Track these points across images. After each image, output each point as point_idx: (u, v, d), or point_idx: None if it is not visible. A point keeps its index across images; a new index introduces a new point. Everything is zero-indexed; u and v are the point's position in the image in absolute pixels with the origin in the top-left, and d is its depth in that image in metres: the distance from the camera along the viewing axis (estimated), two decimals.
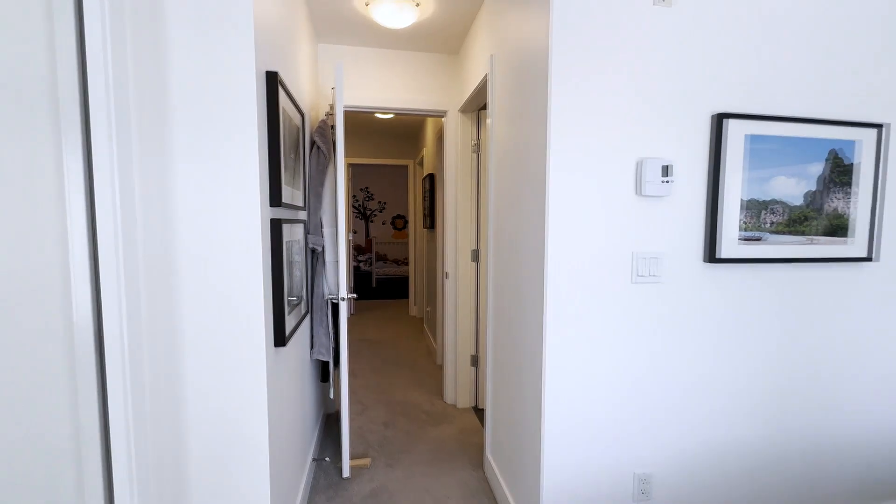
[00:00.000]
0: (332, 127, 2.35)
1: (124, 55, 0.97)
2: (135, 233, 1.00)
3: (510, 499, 1.80)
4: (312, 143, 2.16)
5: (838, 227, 1.58)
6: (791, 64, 1.51)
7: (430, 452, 2.37)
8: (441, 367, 3.67)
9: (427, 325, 4.62)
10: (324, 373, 2.51)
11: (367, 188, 8.40)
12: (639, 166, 1.42)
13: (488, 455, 2.13)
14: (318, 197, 2.14)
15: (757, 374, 1.60)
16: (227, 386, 1.21)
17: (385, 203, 8.54)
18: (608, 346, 1.48)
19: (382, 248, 8.51)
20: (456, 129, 2.85)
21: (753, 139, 1.48)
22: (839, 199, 1.58)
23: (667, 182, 1.42)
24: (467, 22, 2.38)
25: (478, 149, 2.82)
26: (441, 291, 3.36)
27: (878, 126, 1.57)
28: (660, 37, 1.41)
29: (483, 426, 2.57)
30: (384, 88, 2.77)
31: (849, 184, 1.57)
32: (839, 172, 1.56)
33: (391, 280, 7.78)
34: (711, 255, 1.49)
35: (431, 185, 3.98)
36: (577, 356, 1.46)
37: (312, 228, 2.10)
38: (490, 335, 2.09)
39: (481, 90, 2.27)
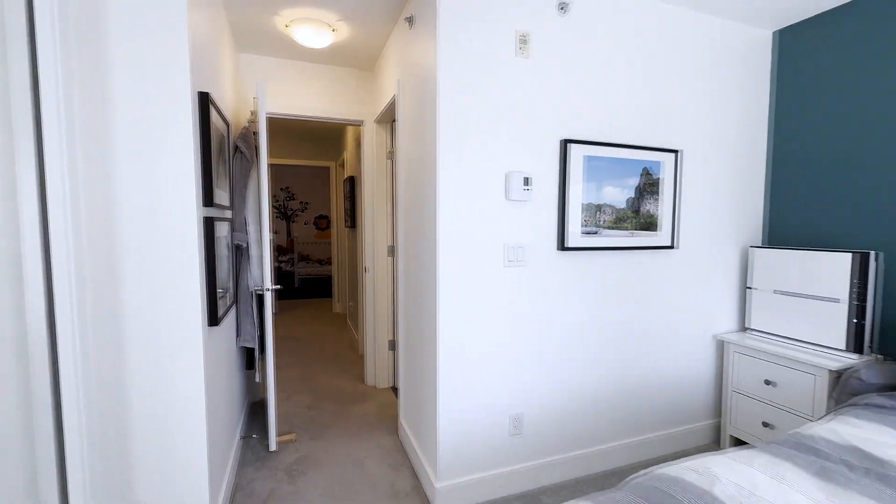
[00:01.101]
0: (255, 133, 2.55)
1: (71, 76, 1.18)
2: (82, 228, 1.21)
3: (417, 448, 2.17)
4: (236, 147, 2.35)
5: (650, 224, 2.17)
6: (618, 105, 2.06)
7: (352, 426, 2.67)
8: (363, 358, 3.96)
9: (350, 320, 4.86)
10: (248, 361, 2.69)
11: (287, 188, 8.33)
12: (506, 178, 1.87)
13: (402, 420, 2.48)
14: (243, 197, 2.34)
15: (600, 333, 2.13)
16: (169, 360, 1.43)
17: (307, 203, 8.53)
18: (488, 317, 1.91)
19: (305, 249, 8.49)
20: (372, 138, 3.17)
21: (590, 159, 2.01)
22: (650, 204, 2.17)
23: (527, 190, 1.89)
24: (379, 45, 2.72)
25: (392, 155, 3.16)
26: (362, 286, 3.65)
27: (675, 151, 2.18)
28: (520, 80, 1.87)
29: (398, 399, 2.92)
30: (306, 98, 3.01)
31: (656, 192, 2.17)
32: (650, 184, 2.15)
33: (315, 280, 7.83)
34: (562, 245, 1.99)
35: (352, 186, 4.25)
36: (464, 326, 1.87)
37: (237, 226, 2.30)
38: (402, 319, 2.45)
39: (392, 107, 2.62)
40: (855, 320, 1.94)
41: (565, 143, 1.95)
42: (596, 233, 2.05)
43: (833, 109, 2.19)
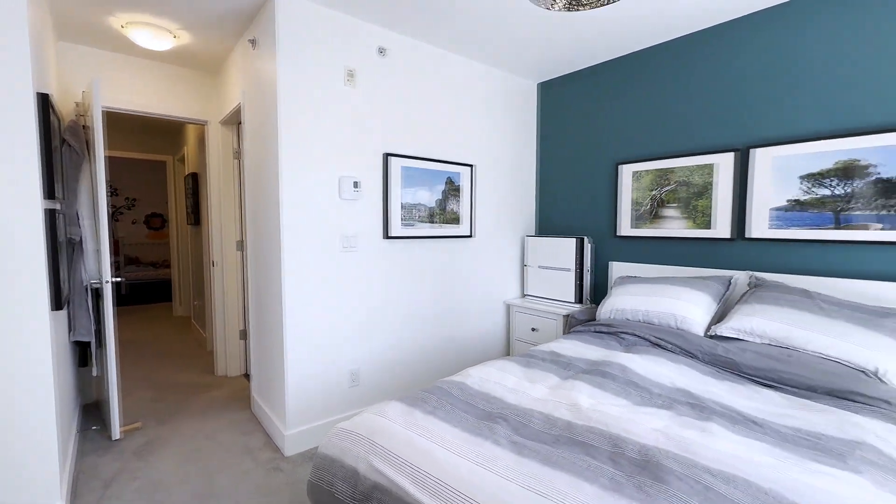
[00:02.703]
0: (85, 127, 2.53)
1: None
2: None
3: (269, 412, 2.50)
4: (63, 140, 2.34)
5: (454, 219, 2.91)
6: (427, 128, 2.72)
7: (203, 409, 2.83)
8: (212, 353, 3.99)
9: (196, 320, 4.74)
10: (82, 358, 2.63)
11: (110, 184, 7.34)
12: (339, 181, 2.36)
13: (254, 396, 2.77)
14: (74, 192, 2.35)
15: (419, 303, 2.78)
16: (17, 339, 1.54)
17: (135, 200, 7.64)
18: (328, 293, 2.37)
19: (135, 251, 7.59)
20: (218, 138, 3.31)
21: (406, 168, 2.63)
22: (454, 204, 2.90)
23: (357, 191, 2.41)
24: (223, 55, 2.93)
25: (239, 155, 3.36)
26: (210, 281, 3.71)
27: (470, 165, 2.97)
28: (349, 104, 2.39)
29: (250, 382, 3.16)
30: (145, 94, 3.01)
31: (458, 196, 2.92)
32: (453, 189, 2.88)
33: (148, 285, 7.09)
34: (386, 235, 2.57)
35: (195, 183, 4.21)
36: (308, 301, 2.30)
37: (70, 220, 2.30)
38: (253, 306, 2.74)
39: (238, 112, 2.87)
40: (578, 282, 2.97)
41: (387, 156, 2.53)
42: (413, 225, 2.69)
43: (571, 142, 3.24)
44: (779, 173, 2.21)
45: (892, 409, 1.50)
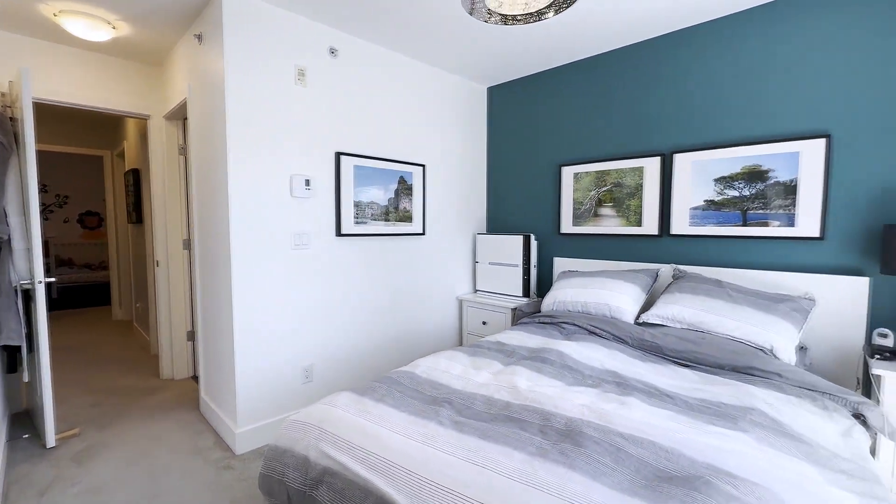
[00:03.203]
0: (12, 119, 2.39)
1: None
2: None
3: (219, 411, 2.48)
4: None
5: (407, 217, 2.99)
6: (379, 128, 2.79)
7: (147, 412, 2.74)
8: (157, 356, 3.83)
9: (139, 323, 4.52)
10: (10, 364, 2.48)
11: (39, 180, 6.79)
12: (291, 179, 2.38)
13: (203, 396, 2.72)
14: (1, 187, 2.22)
15: (373, 300, 2.83)
16: None
17: (66, 197, 7.12)
18: (279, 291, 2.38)
19: (67, 252, 7.07)
20: (162, 133, 3.20)
21: (358, 167, 2.68)
22: (406, 202, 2.98)
23: (308, 189, 2.44)
24: (167, 48, 2.84)
25: (185, 151, 3.27)
26: (154, 282, 3.57)
27: (422, 165, 3.06)
28: (300, 103, 2.41)
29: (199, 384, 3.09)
30: (81, 86, 2.86)
31: (411, 194, 3.00)
32: (405, 188, 2.96)
33: (83, 288, 6.62)
34: (339, 232, 2.61)
35: (136, 179, 4.02)
36: (259, 299, 2.30)
37: None
38: (201, 306, 2.68)
39: (183, 107, 2.80)
40: (525, 277, 3.14)
41: (339, 155, 2.58)
42: (366, 223, 2.75)
43: (518, 144, 3.41)
44: (697, 176, 2.46)
45: (782, 380, 1.74)
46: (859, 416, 1.61)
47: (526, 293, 3.14)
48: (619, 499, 0.98)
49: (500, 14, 1.41)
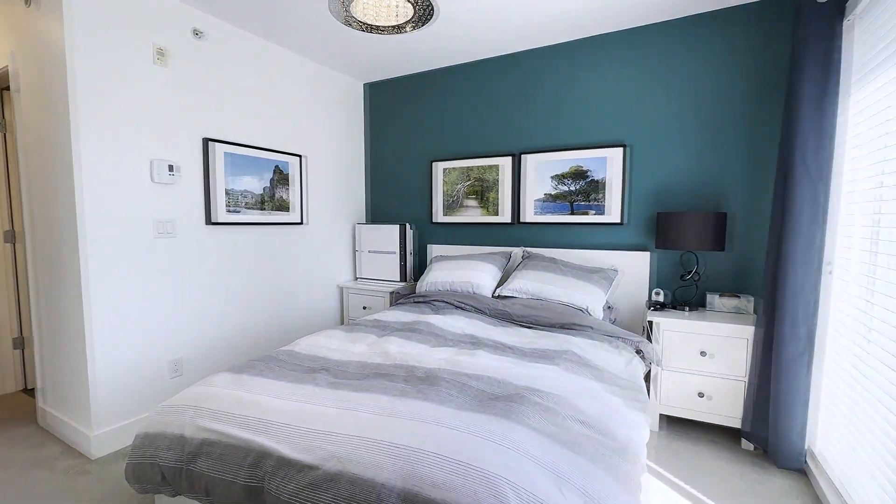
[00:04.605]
0: None
1: None
2: None
3: (66, 418, 2.24)
4: None
5: (285, 206, 3.01)
6: (254, 116, 2.76)
7: None
8: None
9: None
10: None
11: None
12: (151, 164, 2.26)
13: (43, 407, 2.41)
14: None
15: (249, 289, 2.81)
16: None
17: None
18: (140, 282, 2.25)
19: None
20: None
21: (231, 155, 2.63)
22: (284, 192, 3.01)
23: (173, 175, 2.34)
24: None
25: (7, 128, 2.79)
26: None
27: (300, 156, 3.10)
28: (162, 83, 2.29)
29: (35, 396, 2.70)
30: None
31: (288, 184, 3.03)
32: (282, 178, 2.98)
33: None
34: (209, 220, 2.54)
35: None
36: (114, 293, 2.15)
37: None
38: (36, 305, 2.37)
39: (4, 76, 2.41)
40: (402, 263, 3.40)
41: (207, 141, 2.51)
42: (240, 212, 2.71)
43: (395, 138, 3.64)
44: (539, 174, 2.98)
45: (593, 331, 2.27)
46: (640, 352, 2.21)
47: (404, 278, 3.41)
48: (459, 414, 1.27)
49: (366, 24, 1.61)
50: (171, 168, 2.32)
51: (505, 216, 3.14)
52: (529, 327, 2.40)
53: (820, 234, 1.85)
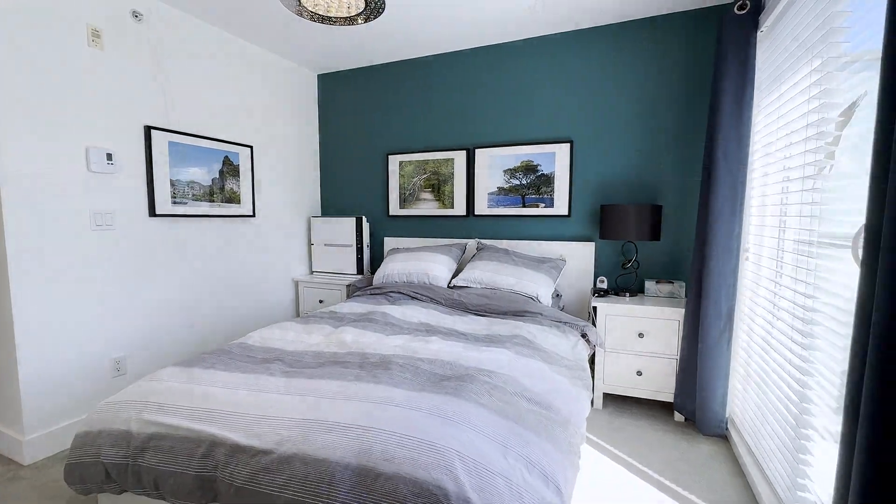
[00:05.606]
0: None
1: None
2: None
3: None
4: None
5: (234, 198, 2.93)
6: (201, 104, 2.66)
7: None
8: None
9: None
10: None
11: None
12: (87, 152, 2.14)
13: None
14: None
15: (197, 283, 2.71)
16: None
17: None
18: (74, 278, 2.13)
19: None
20: None
21: (174, 144, 2.53)
22: (233, 183, 2.92)
23: (111, 164, 2.22)
24: None
25: None
26: None
27: (249, 146, 3.02)
28: (96, 68, 2.17)
29: None
30: None
31: (237, 174, 2.95)
32: (230, 169, 2.90)
33: None
34: (152, 212, 2.43)
35: None
36: (44, 290, 2.02)
37: None
38: None
39: None
40: (358, 256, 3.40)
41: (149, 129, 2.39)
42: (186, 203, 2.61)
43: (350, 131, 3.62)
44: (491, 168, 3.08)
45: (542, 317, 2.39)
46: (585, 336, 2.36)
47: (360, 271, 3.41)
48: (411, 394, 1.33)
49: (316, 14, 1.61)
50: (109, 156, 2.21)
51: (460, 209, 3.22)
52: (483, 315, 2.49)
53: (738, 224, 2.05)
